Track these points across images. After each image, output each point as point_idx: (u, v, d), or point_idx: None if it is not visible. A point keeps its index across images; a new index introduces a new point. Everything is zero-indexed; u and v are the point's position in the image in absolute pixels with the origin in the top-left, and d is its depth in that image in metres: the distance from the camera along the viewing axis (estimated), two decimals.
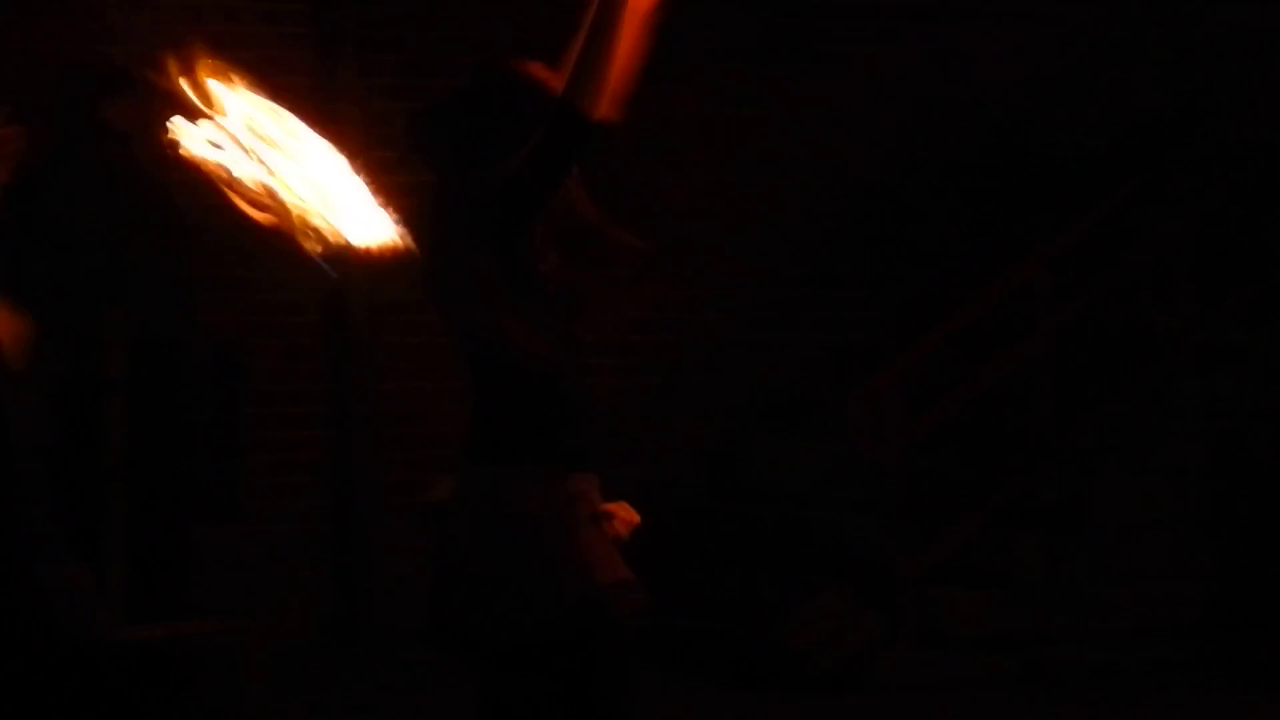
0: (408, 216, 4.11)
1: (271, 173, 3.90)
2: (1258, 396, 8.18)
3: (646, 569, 4.25)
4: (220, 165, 3.99)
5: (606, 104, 3.80)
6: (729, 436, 8.96)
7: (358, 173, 4.07)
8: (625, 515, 4.22)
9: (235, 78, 4.06)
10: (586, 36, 3.83)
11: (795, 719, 7.79)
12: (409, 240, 3.94)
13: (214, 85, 4.04)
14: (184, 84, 4.19)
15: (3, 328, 3.78)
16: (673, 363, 8.96)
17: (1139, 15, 9.23)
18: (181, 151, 3.94)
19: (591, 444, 4.13)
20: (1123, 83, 9.17)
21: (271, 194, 3.91)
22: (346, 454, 8.31)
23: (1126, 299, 8.65)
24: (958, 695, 7.90)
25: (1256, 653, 7.83)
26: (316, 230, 3.92)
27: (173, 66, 4.16)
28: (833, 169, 9.05)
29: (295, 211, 3.98)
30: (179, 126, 3.94)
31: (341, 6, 8.58)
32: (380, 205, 4.08)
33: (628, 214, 8.72)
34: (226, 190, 4.02)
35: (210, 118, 3.89)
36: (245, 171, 3.92)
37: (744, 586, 8.17)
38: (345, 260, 4.06)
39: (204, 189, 4.25)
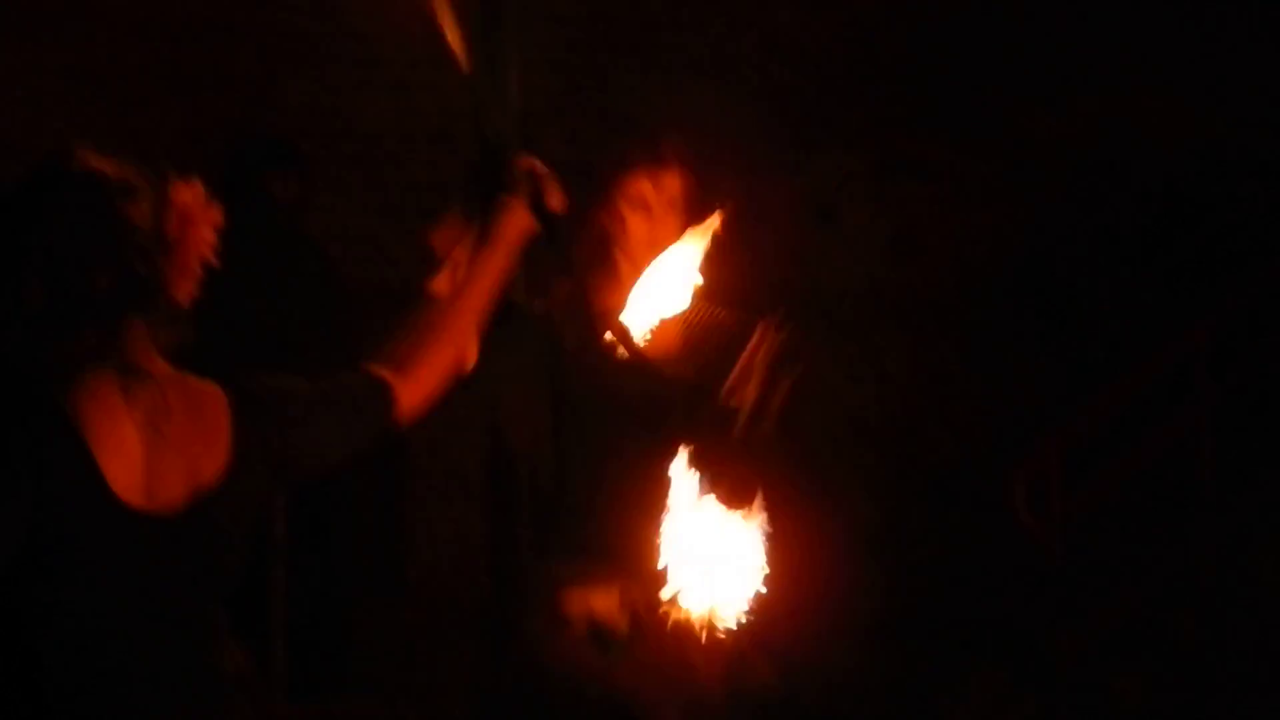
0: None
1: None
2: None
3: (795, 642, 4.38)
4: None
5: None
6: (889, 509, 8.74)
7: None
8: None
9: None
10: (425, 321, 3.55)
11: None
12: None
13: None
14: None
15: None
16: (835, 436, 8.79)
17: None
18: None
19: None
20: None
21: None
22: (508, 527, 8.23)
23: None
24: None
25: None
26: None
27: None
28: (994, 237, 8.86)
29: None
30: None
31: None
32: None
33: (787, 282, 8.33)
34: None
35: None
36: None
37: (897, 666, 7.96)
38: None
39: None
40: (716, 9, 8.80)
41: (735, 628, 4.02)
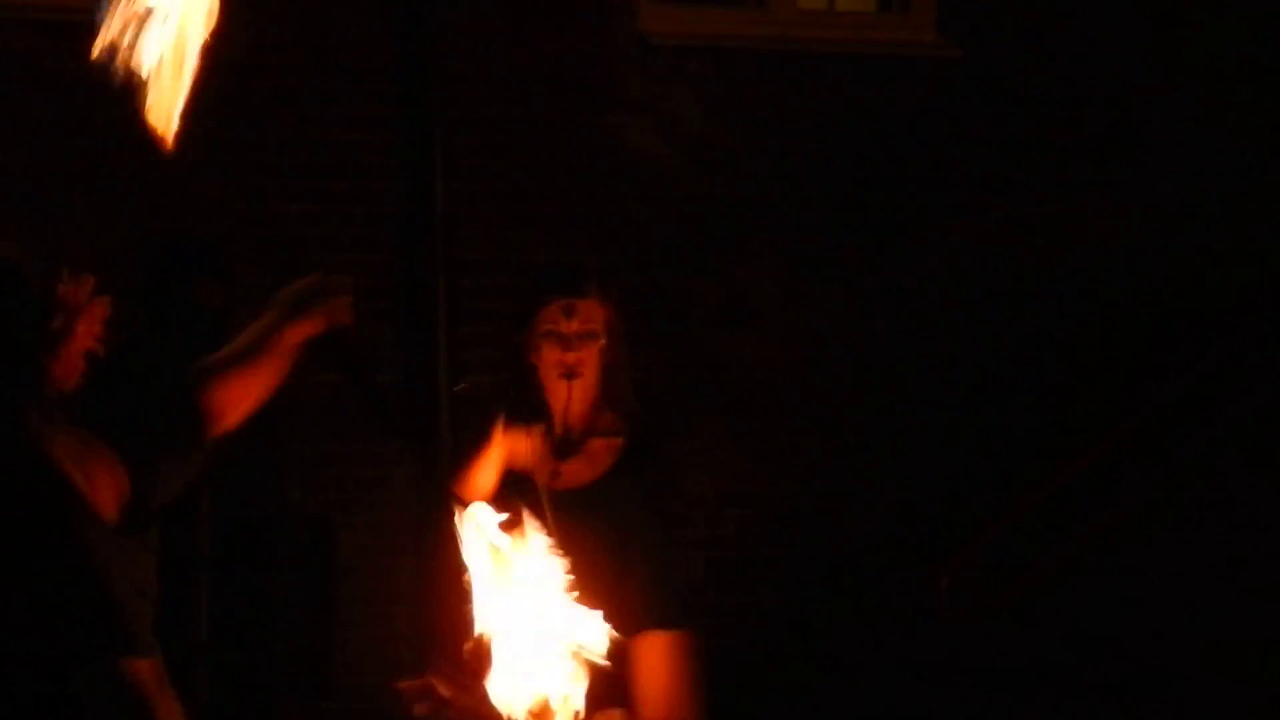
0: None
1: None
2: None
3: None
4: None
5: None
6: (809, 606, 8.73)
7: None
8: None
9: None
10: (237, 355, 3.95)
11: None
12: None
13: None
14: None
15: (105, 484, 3.70)
16: (754, 533, 8.83)
17: (1219, 186, 9.15)
18: None
19: None
20: (1205, 250, 9.05)
21: None
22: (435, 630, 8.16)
23: (1211, 470, 8.46)
24: None
25: None
26: None
27: None
28: (906, 338, 8.89)
29: None
30: None
31: None
32: None
33: (704, 381, 8.81)
34: None
35: None
36: None
37: None
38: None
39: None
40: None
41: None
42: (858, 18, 9.08)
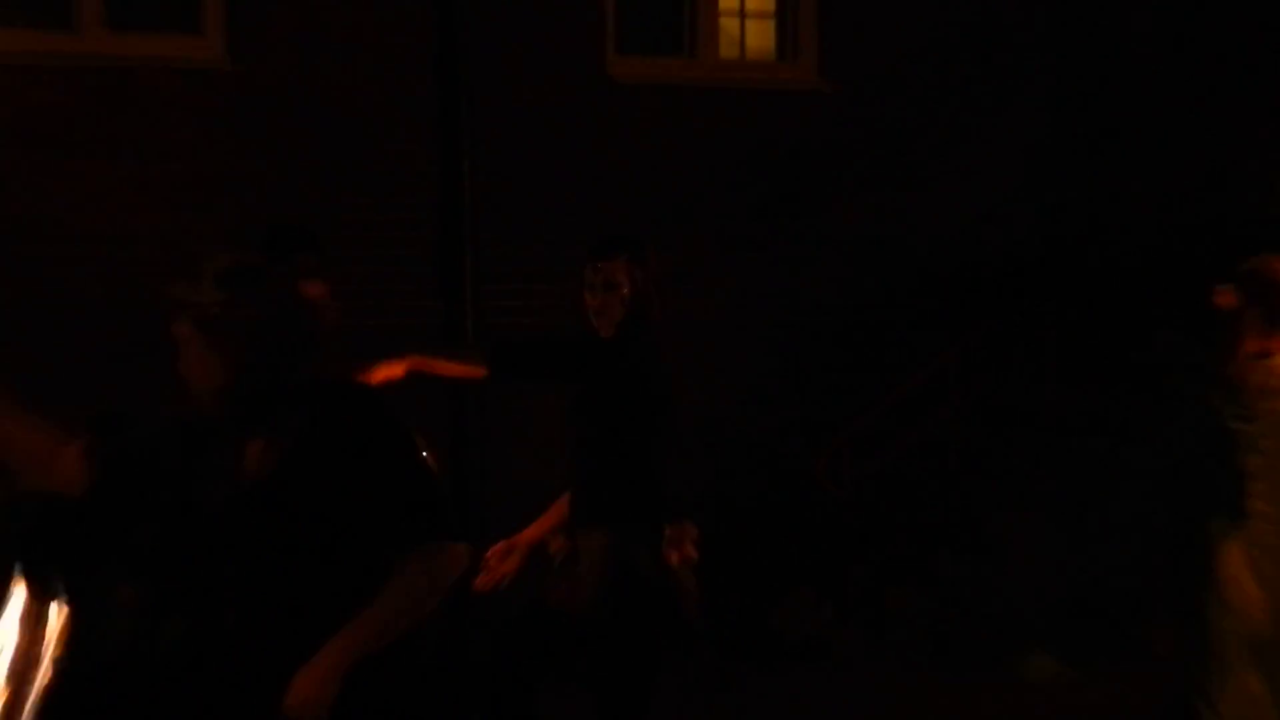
0: None
1: None
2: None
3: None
4: None
5: None
6: (731, 482, 9.41)
7: None
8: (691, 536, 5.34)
9: None
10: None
11: (775, 682, 8.65)
12: None
13: None
14: None
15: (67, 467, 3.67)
16: (702, 431, 8.66)
17: (1012, 187, 9.89)
18: None
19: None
20: (1005, 232, 9.92)
21: None
22: None
23: (1011, 382, 9.70)
24: (889, 664, 8.85)
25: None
26: None
27: None
28: (803, 292, 9.83)
29: None
30: None
31: None
32: None
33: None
34: None
35: None
36: None
37: (734, 583, 8.88)
38: None
39: None
40: None
41: None
42: (762, 64, 10.04)
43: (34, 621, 3.85)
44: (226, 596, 3.65)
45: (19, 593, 4.08)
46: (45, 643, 3.79)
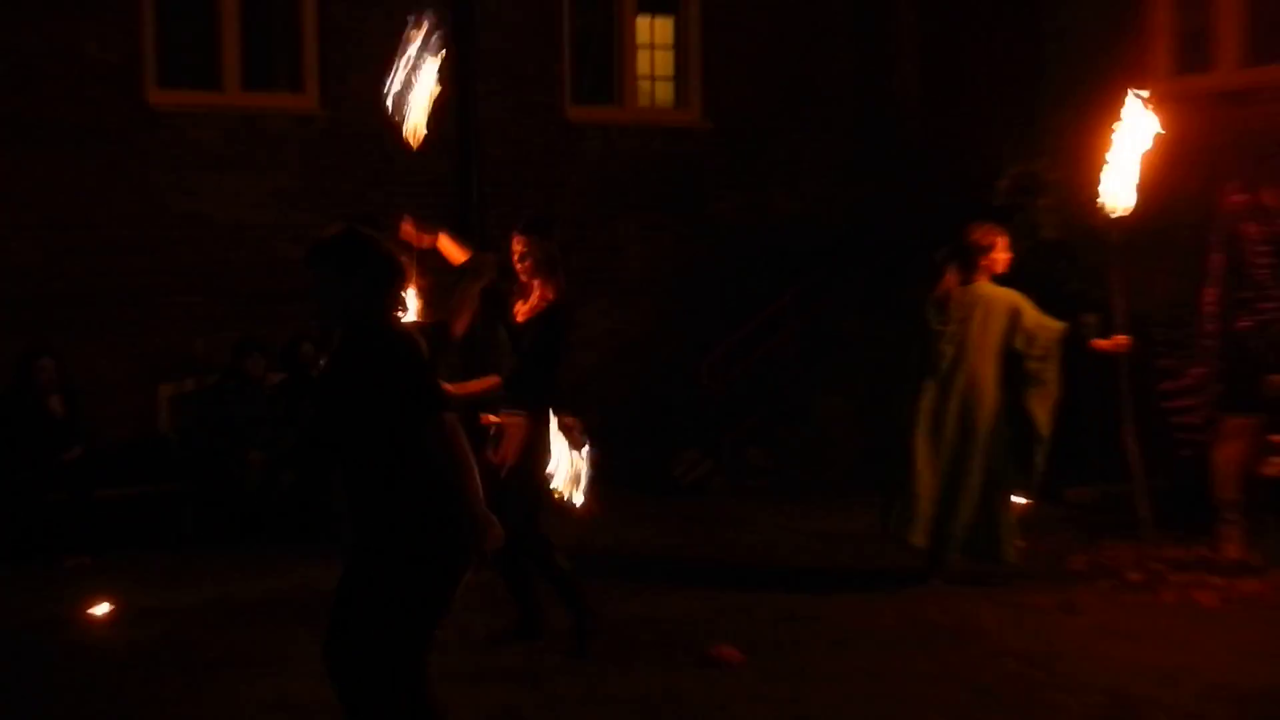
0: None
1: None
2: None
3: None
4: None
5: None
6: (651, 389, 11.35)
7: None
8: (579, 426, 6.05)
9: None
10: (458, 301, 5.00)
11: (674, 507, 10.28)
12: None
13: None
14: None
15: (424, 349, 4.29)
16: (616, 351, 11.05)
17: (828, 184, 11.52)
18: None
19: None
20: (812, 211, 11.62)
21: None
22: None
23: (827, 315, 11.88)
24: (751, 499, 10.56)
25: None
26: None
27: None
28: (697, 259, 11.81)
29: None
30: None
31: None
32: None
33: (599, 283, 11.26)
34: None
35: None
36: None
37: (651, 448, 10.98)
38: None
39: None
40: None
41: None
42: (665, 110, 12.09)
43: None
44: (317, 454, 4.55)
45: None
46: None
